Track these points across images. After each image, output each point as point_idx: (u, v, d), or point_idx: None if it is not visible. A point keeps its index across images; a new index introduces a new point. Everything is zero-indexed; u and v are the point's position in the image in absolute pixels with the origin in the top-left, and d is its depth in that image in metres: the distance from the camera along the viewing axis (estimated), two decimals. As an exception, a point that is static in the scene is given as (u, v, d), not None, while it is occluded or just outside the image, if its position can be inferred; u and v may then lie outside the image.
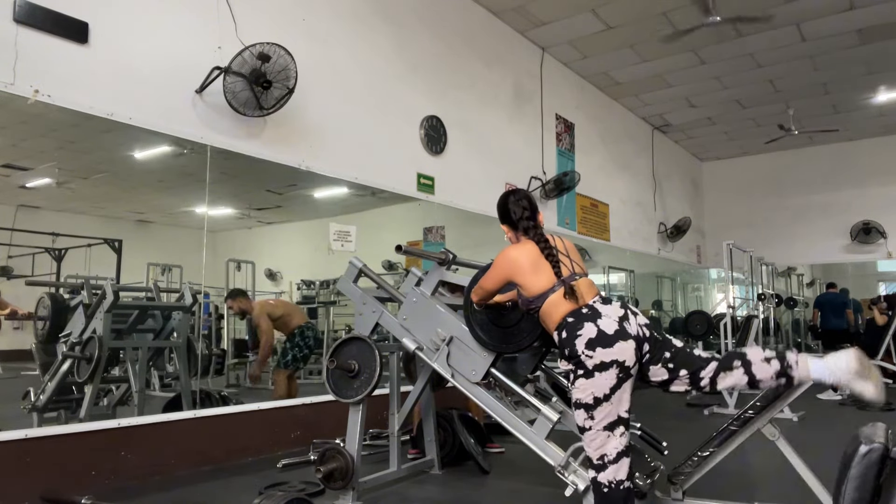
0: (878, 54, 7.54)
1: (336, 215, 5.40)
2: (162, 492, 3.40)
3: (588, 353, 2.24)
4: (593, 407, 2.27)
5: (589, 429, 2.29)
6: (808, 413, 5.72)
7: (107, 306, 3.99)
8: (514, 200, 2.59)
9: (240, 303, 5.25)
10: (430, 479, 3.63)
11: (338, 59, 4.98)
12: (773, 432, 2.59)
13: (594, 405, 2.26)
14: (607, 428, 2.27)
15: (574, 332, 2.29)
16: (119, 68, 3.63)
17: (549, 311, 2.40)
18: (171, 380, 4.95)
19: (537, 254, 2.47)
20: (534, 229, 2.54)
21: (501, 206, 2.64)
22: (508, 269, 2.51)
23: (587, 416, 2.29)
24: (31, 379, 4.15)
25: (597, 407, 2.26)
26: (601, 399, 2.26)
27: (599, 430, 2.27)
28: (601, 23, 6.80)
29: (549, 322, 2.42)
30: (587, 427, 2.29)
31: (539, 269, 2.44)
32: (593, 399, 2.26)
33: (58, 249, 4.64)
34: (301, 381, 6.46)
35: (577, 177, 7.50)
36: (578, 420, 2.32)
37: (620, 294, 9.70)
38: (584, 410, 2.28)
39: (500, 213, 2.66)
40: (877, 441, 1.36)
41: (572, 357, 2.30)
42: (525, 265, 2.45)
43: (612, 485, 2.26)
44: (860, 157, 10.76)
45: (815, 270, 12.16)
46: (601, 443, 2.28)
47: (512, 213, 2.59)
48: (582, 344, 2.26)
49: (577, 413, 2.32)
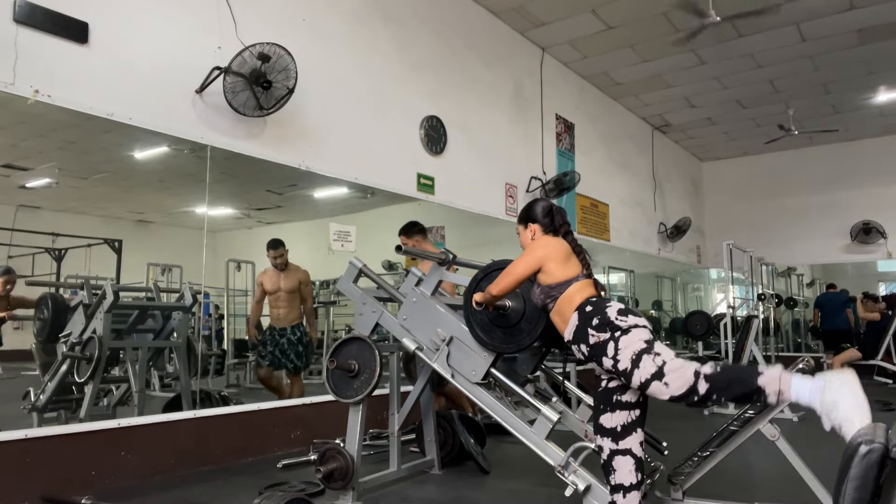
0: (878, 54, 7.54)
1: (336, 215, 5.40)
2: (162, 492, 3.40)
3: (621, 317, 2.31)
4: (649, 349, 2.24)
5: (664, 365, 2.19)
6: (808, 413, 5.71)
7: (107, 306, 3.99)
8: (556, 209, 2.76)
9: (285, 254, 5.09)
10: (430, 479, 3.63)
11: (338, 59, 4.98)
12: (773, 432, 2.59)
13: (648, 347, 2.25)
14: (676, 356, 2.23)
15: (604, 304, 2.37)
16: (119, 68, 3.64)
17: (572, 295, 2.45)
18: (171, 380, 4.95)
19: (569, 249, 2.60)
20: (571, 234, 2.71)
21: (545, 208, 2.75)
22: (545, 253, 2.55)
23: (651, 357, 2.21)
24: (31, 379, 4.15)
25: (652, 347, 2.26)
26: (650, 342, 2.27)
27: (672, 360, 2.22)
28: (601, 23, 6.80)
29: (569, 306, 2.44)
30: (660, 365, 2.19)
31: (569, 260, 2.55)
32: (645, 342, 2.27)
33: (58, 249, 4.64)
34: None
35: (577, 177, 7.50)
36: (647, 371, 2.19)
37: (620, 294, 9.70)
38: (647, 354, 2.22)
39: (534, 212, 2.74)
40: (877, 441, 1.36)
41: (605, 323, 2.31)
42: (560, 253, 2.55)
43: (713, 368, 2.19)
44: (860, 157, 10.76)
45: (815, 270, 12.16)
46: (684, 369, 2.19)
47: (555, 214, 2.73)
48: (614, 311, 2.33)
49: (644, 365, 2.20)
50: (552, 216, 2.73)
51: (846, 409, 1.94)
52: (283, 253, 5.02)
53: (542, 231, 2.71)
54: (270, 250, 5.04)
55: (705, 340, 8.95)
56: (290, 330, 5.05)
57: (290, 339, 5.02)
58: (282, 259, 5.01)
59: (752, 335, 6.46)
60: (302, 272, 5.11)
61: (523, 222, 2.78)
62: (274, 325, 5.09)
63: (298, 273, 5.08)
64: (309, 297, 5.23)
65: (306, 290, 5.14)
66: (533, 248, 2.62)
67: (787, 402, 2.10)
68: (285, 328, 5.05)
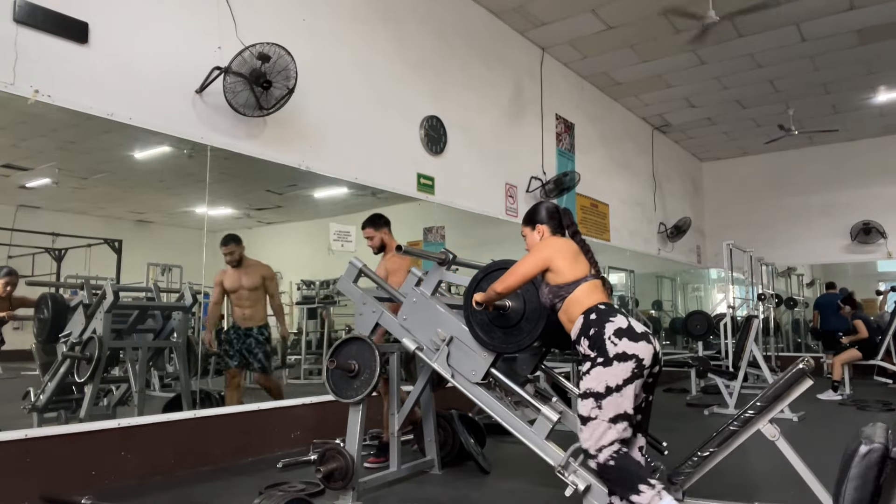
0: (878, 54, 7.55)
1: (336, 215, 5.40)
2: (162, 492, 3.40)
3: (614, 339, 2.32)
4: (603, 396, 2.30)
5: (594, 418, 2.31)
6: (808, 413, 5.72)
7: (107, 306, 3.99)
8: (563, 210, 2.79)
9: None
10: (430, 479, 3.63)
11: (338, 59, 4.98)
12: (773, 432, 2.59)
13: (605, 394, 2.30)
14: (612, 420, 2.30)
15: (606, 318, 2.38)
16: (119, 68, 3.64)
17: (580, 297, 2.47)
18: (171, 380, 4.95)
19: (577, 248, 2.62)
20: (578, 234, 2.73)
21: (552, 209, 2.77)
22: (552, 253, 2.56)
23: (595, 405, 2.31)
24: (31, 379, 4.15)
25: (607, 396, 2.30)
26: (612, 389, 2.30)
27: (603, 421, 2.30)
28: (601, 23, 6.80)
29: (577, 308, 2.45)
30: (592, 416, 2.31)
31: (577, 260, 2.56)
32: (605, 388, 2.30)
33: (58, 249, 4.64)
34: (301, 381, 6.47)
35: (577, 177, 7.50)
36: (584, 409, 2.34)
37: (620, 294, 9.70)
38: (594, 399, 2.31)
39: (541, 214, 2.75)
40: (877, 441, 1.36)
41: (597, 341, 2.34)
42: (569, 252, 2.57)
43: (617, 454, 2.29)
44: (860, 157, 10.76)
45: (815, 270, 12.16)
46: (601, 433, 2.31)
47: (563, 216, 2.76)
48: (611, 329, 2.34)
49: (585, 402, 2.34)
50: (560, 217, 2.75)
51: None
52: (234, 249, 4.67)
53: (551, 232, 2.72)
54: (221, 247, 4.69)
55: (705, 340, 8.94)
56: (256, 330, 4.72)
57: (256, 339, 4.71)
58: (232, 256, 4.67)
59: (752, 335, 6.46)
60: (264, 267, 4.82)
61: (530, 224, 2.78)
62: (239, 325, 4.73)
63: (260, 269, 4.77)
64: (276, 292, 4.94)
65: (272, 285, 4.85)
66: (541, 247, 2.62)
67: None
68: (251, 328, 4.71)
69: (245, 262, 4.74)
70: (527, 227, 2.80)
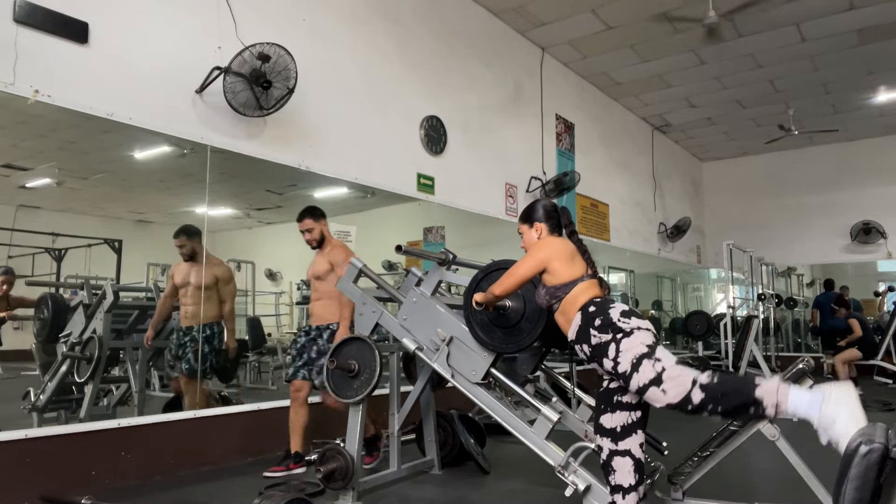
0: (878, 54, 7.54)
1: (336, 215, 5.39)
2: (162, 492, 3.40)
3: (624, 319, 2.30)
4: (652, 351, 2.23)
5: (664, 371, 2.17)
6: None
7: (107, 306, 3.99)
8: (561, 209, 2.76)
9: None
10: (430, 479, 3.63)
11: (338, 59, 4.98)
12: (773, 432, 2.59)
13: (650, 352, 2.23)
14: (678, 364, 2.21)
15: (606, 306, 2.36)
16: (119, 68, 3.64)
17: (577, 295, 2.44)
18: (170, 380, 4.95)
19: (574, 249, 2.59)
20: (576, 234, 2.70)
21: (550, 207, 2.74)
22: (549, 254, 2.53)
23: (651, 362, 2.20)
24: (31, 379, 4.15)
25: (654, 351, 2.23)
26: (652, 347, 2.25)
27: (674, 366, 2.20)
28: (601, 23, 6.80)
29: (574, 306, 2.42)
30: (660, 371, 2.17)
31: (574, 261, 2.54)
32: (647, 347, 2.24)
33: (58, 249, 4.64)
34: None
35: (577, 177, 7.50)
36: (646, 375, 2.18)
37: (621, 294, 9.70)
38: (648, 360, 2.20)
39: (539, 212, 2.72)
40: (877, 441, 1.36)
41: (608, 324, 2.30)
42: (565, 253, 2.54)
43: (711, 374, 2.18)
44: (860, 157, 10.76)
45: (815, 270, 12.16)
46: (683, 376, 2.17)
47: (561, 215, 2.73)
48: (617, 313, 2.32)
49: (643, 370, 2.19)
50: (558, 216, 2.72)
51: (845, 426, 1.85)
52: (185, 242, 4.28)
53: (549, 230, 2.69)
54: (174, 238, 4.37)
55: (705, 340, 8.94)
56: (196, 328, 4.26)
57: (193, 338, 4.25)
58: (183, 249, 4.30)
59: (752, 335, 6.46)
60: (222, 268, 4.41)
61: (528, 222, 2.74)
62: (181, 325, 4.35)
63: (215, 268, 4.34)
64: (229, 297, 4.45)
65: (226, 288, 4.40)
66: (537, 249, 2.59)
67: (784, 415, 2.04)
68: (191, 326, 4.27)
69: (199, 258, 4.33)
70: (524, 224, 2.76)
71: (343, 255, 3.87)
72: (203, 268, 4.27)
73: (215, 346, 4.34)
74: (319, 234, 3.98)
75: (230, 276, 4.53)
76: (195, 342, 4.23)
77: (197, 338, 4.24)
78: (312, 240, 3.98)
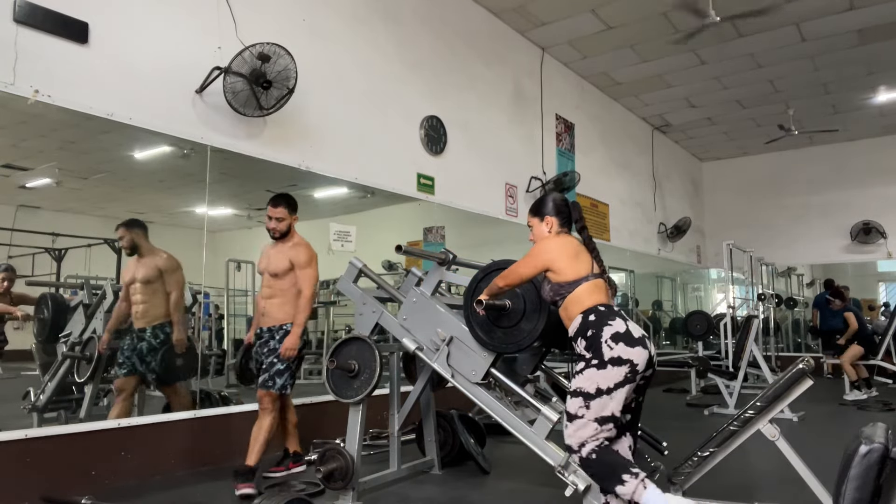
0: (878, 54, 7.54)
1: (336, 215, 5.39)
2: (162, 492, 3.40)
3: (611, 343, 2.32)
4: (593, 397, 2.32)
5: (580, 417, 2.33)
6: (808, 413, 5.72)
7: (107, 306, 3.99)
8: (572, 204, 2.75)
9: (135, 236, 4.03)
10: (430, 479, 3.63)
11: (338, 59, 4.98)
12: (773, 432, 2.59)
13: (594, 395, 2.31)
14: (598, 420, 2.32)
15: (605, 321, 2.38)
16: (119, 68, 3.64)
17: (581, 297, 2.46)
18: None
19: (579, 246, 2.59)
20: (586, 229, 2.70)
21: (562, 200, 2.73)
22: (550, 257, 2.54)
23: (583, 404, 2.33)
24: (31, 379, 4.15)
25: (596, 398, 2.31)
26: (602, 391, 2.31)
27: (589, 421, 2.32)
28: (601, 23, 6.80)
29: (576, 307, 2.45)
30: (579, 415, 2.34)
31: (579, 258, 2.53)
32: (595, 390, 2.31)
33: (58, 249, 4.63)
34: (300, 381, 6.45)
35: (577, 177, 7.50)
36: (572, 407, 2.36)
37: (621, 294, 9.70)
38: (583, 398, 2.33)
39: (550, 205, 2.71)
40: (877, 441, 1.36)
41: (593, 343, 2.35)
42: (569, 251, 2.54)
43: (598, 448, 2.32)
44: (860, 157, 10.76)
45: (815, 270, 12.16)
46: (585, 433, 2.33)
47: (572, 210, 2.72)
48: (609, 333, 2.34)
49: (574, 400, 2.36)
50: (569, 211, 2.70)
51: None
52: (123, 234, 3.99)
53: (559, 224, 2.67)
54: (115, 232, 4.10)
55: (705, 340, 8.94)
56: (150, 331, 3.99)
57: (150, 343, 3.98)
58: (122, 243, 4.02)
59: (752, 335, 6.46)
60: (162, 258, 4.05)
61: (538, 215, 2.71)
62: (133, 326, 4.04)
63: (157, 259, 4.02)
64: (176, 287, 4.07)
65: (171, 279, 4.04)
66: (539, 251, 2.59)
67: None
68: (144, 328, 3.99)
69: (143, 251, 4.02)
70: (534, 217, 2.74)
71: (307, 257, 3.64)
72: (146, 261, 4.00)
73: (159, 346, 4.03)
74: (287, 227, 3.67)
75: (175, 266, 4.13)
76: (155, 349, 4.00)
77: (155, 343, 3.99)
78: (277, 230, 3.64)
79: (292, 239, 3.71)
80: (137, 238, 4.03)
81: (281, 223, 3.64)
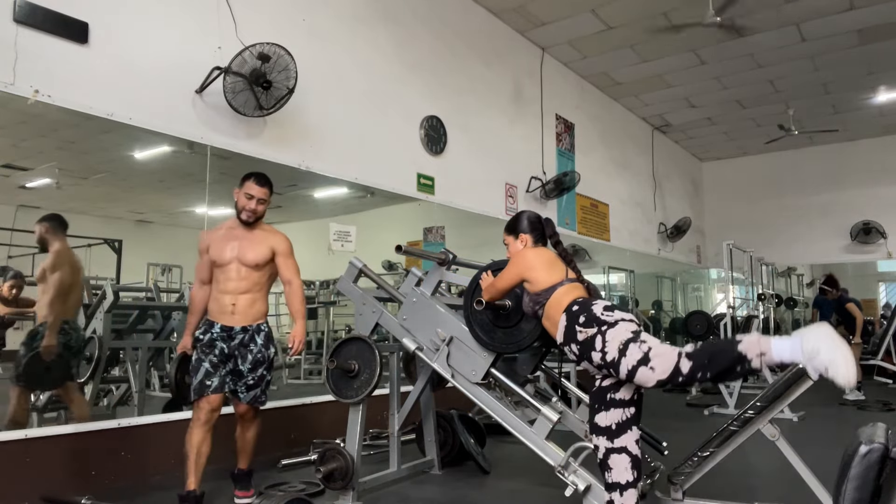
0: (878, 54, 7.55)
1: (336, 215, 5.39)
2: (162, 492, 3.40)
3: (607, 313, 2.35)
4: (637, 335, 2.27)
5: (649, 350, 2.21)
6: (808, 413, 5.72)
7: (107, 306, 3.99)
8: (545, 220, 2.82)
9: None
10: (430, 479, 3.63)
11: (338, 59, 4.98)
12: (773, 432, 2.59)
13: (636, 335, 2.27)
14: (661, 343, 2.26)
15: (589, 303, 2.40)
16: (119, 68, 3.64)
17: (559, 298, 2.48)
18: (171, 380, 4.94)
19: (555, 257, 2.67)
20: (560, 244, 2.75)
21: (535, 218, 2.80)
22: (524, 266, 2.61)
23: (638, 344, 2.23)
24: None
25: (640, 333, 2.29)
26: (637, 331, 2.30)
27: (659, 344, 2.24)
28: (601, 23, 6.80)
29: (558, 309, 2.46)
30: (646, 350, 2.21)
31: (554, 267, 2.60)
32: (632, 332, 2.29)
33: (58, 249, 4.62)
34: (301, 381, 6.46)
35: (577, 177, 7.50)
36: (633, 357, 2.21)
37: (621, 294, 9.70)
38: (633, 343, 2.24)
39: (523, 224, 2.78)
40: (877, 441, 1.36)
41: (592, 319, 2.34)
42: (543, 261, 2.61)
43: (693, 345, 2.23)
44: (860, 157, 10.76)
45: (815, 270, 12.16)
46: (668, 357, 2.19)
47: (545, 226, 2.79)
48: (600, 308, 2.37)
49: (630, 351, 2.22)
50: (542, 227, 2.79)
51: (828, 352, 1.98)
52: (36, 229, 3.70)
53: (533, 240, 2.76)
54: None
55: (705, 340, 8.94)
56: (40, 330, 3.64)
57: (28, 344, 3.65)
58: (35, 238, 3.73)
59: (752, 335, 6.45)
60: (50, 256, 3.68)
61: (513, 233, 2.82)
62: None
63: (48, 257, 3.69)
64: (52, 287, 3.65)
65: (51, 277, 3.64)
66: (513, 264, 2.68)
67: (770, 363, 2.10)
68: (37, 329, 3.67)
69: (49, 246, 3.72)
70: (509, 235, 2.84)
71: (289, 244, 3.25)
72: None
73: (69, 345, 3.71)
74: (264, 212, 3.27)
75: (55, 263, 3.69)
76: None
77: (30, 343, 3.64)
78: (257, 212, 3.21)
79: (261, 225, 3.26)
80: (45, 234, 3.70)
81: (263, 205, 3.22)
